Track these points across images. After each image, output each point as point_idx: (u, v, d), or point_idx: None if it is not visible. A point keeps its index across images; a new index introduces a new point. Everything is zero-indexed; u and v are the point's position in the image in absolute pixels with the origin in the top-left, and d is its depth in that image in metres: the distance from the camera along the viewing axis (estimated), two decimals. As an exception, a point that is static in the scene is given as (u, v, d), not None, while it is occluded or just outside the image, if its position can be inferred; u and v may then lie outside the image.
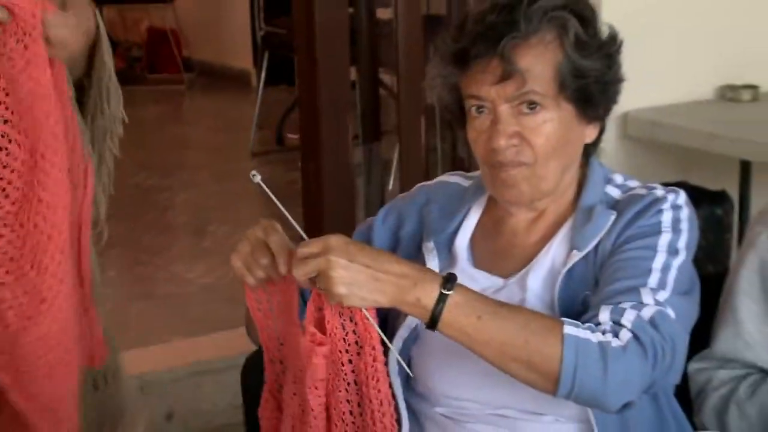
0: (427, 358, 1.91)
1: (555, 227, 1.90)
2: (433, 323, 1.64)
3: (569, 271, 1.83)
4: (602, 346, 1.64)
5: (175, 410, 3.46)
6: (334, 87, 3.57)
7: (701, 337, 1.95)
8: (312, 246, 1.64)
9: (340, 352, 1.70)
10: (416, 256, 1.93)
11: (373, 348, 1.69)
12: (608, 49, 1.85)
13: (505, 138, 1.81)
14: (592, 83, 1.82)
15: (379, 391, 1.72)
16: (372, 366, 1.70)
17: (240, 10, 8.02)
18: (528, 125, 1.81)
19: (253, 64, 7.72)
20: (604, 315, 1.69)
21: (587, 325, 1.67)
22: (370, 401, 1.72)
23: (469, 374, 1.86)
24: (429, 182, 2.10)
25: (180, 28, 8.45)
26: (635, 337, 1.66)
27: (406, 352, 1.92)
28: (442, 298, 1.63)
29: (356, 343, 1.70)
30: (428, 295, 1.63)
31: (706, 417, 1.90)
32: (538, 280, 1.85)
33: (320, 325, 1.71)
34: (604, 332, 1.66)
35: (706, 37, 3.72)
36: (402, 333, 1.92)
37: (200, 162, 6.76)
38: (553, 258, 1.87)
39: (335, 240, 1.64)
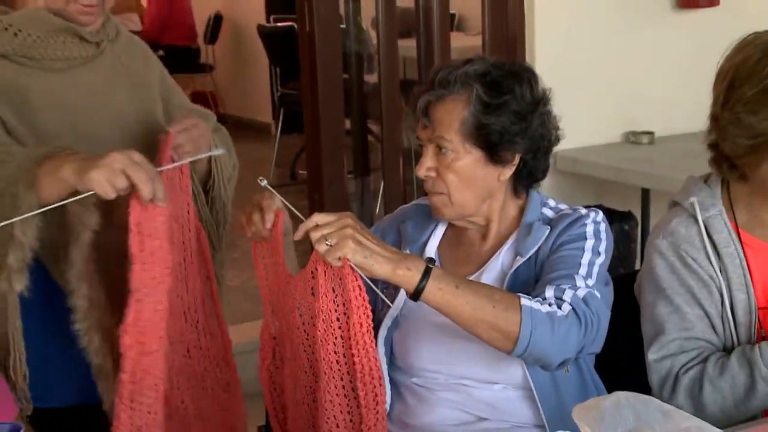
0: (406, 340, 1.89)
1: (502, 240, 1.89)
2: (417, 292, 1.60)
3: (515, 272, 1.81)
4: (550, 315, 1.64)
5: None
6: (333, 134, 3.55)
7: (626, 327, 1.92)
8: (331, 215, 1.62)
9: (330, 310, 1.65)
10: None
11: (366, 308, 1.63)
12: (519, 108, 1.79)
13: (423, 170, 1.83)
14: (494, 135, 1.78)
15: (366, 342, 1.64)
16: (359, 324, 1.63)
17: (262, 77, 8.01)
18: (442, 163, 1.81)
19: (273, 118, 7.71)
20: (549, 292, 1.68)
21: (536, 299, 1.66)
22: (358, 352, 1.65)
23: (437, 352, 1.85)
24: (407, 205, 2.07)
25: (217, 91, 8.43)
26: (573, 309, 1.66)
27: (389, 337, 1.90)
28: (427, 270, 1.61)
29: (344, 305, 1.64)
30: (416, 267, 1.61)
31: (679, 398, 1.79)
32: (490, 280, 1.83)
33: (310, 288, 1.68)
34: (550, 304, 1.66)
35: (614, 95, 3.74)
36: (386, 322, 1.90)
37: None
38: (502, 263, 1.86)
39: (351, 215, 1.63)
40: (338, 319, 1.65)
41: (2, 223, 1.55)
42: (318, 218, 1.62)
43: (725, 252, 1.80)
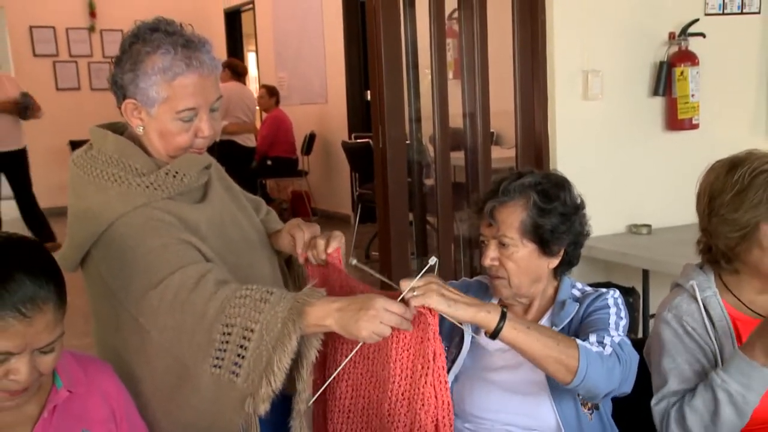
0: (462, 391, 1.80)
1: (541, 314, 1.82)
2: (497, 331, 1.51)
3: None
4: (599, 354, 1.57)
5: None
6: (399, 224, 3.52)
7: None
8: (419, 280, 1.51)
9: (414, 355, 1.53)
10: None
11: (436, 352, 1.49)
12: (565, 211, 1.75)
13: (488, 260, 1.77)
14: (546, 233, 1.73)
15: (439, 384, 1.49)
16: (434, 364, 1.48)
17: (344, 180, 8.07)
18: (504, 254, 1.75)
19: (352, 211, 7.72)
20: (593, 338, 1.61)
21: (585, 341, 1.59)
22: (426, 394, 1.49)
23: (487, 401, 1.76)
24: (472, 279, 1.96)
25: (311, 190, 8.50)
26: (614, 350, 1.59)
27: (451, 389, 1.79)
28: (504, 314, 1.53)
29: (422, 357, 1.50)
30: (495, 310, 1.53)
31: (672, 429, 1.73)
32: None
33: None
34: (596, 346, 1.58)
35: (619, 196, 3.67)
36: (449, 377, 1.79)
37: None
38: None
39: (435, 278, 1.54)
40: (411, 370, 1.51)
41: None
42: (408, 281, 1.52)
43: (719, 325, 1.76)
